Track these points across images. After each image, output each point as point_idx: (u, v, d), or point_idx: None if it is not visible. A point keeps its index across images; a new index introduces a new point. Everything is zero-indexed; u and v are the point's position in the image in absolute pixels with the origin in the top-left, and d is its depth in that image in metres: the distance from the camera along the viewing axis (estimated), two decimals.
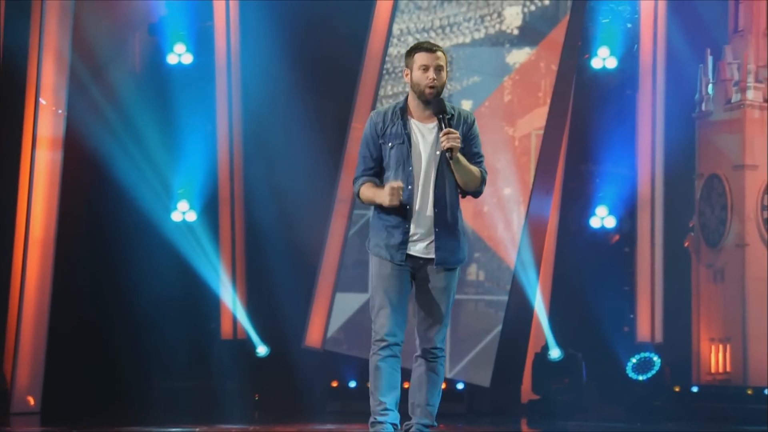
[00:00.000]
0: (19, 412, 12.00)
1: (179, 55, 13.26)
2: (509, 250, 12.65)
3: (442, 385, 6.51)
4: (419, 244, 6.35)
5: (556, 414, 12.63)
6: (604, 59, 13.30)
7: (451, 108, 6.39)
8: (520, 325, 12.84)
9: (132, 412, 12.30)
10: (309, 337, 13.11)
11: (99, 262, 12.76)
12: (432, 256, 6.35)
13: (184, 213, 13.17)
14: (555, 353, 12.85)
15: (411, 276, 6.39)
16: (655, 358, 13.07)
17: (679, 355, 13.50)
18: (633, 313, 13.47)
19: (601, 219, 13.43)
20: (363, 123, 6.96)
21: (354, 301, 13.02)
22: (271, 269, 13.07)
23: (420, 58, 6.33)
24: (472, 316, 12.86)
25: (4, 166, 12.19)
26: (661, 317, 13.42)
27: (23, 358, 12.17)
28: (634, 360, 13.09)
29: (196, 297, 13.04)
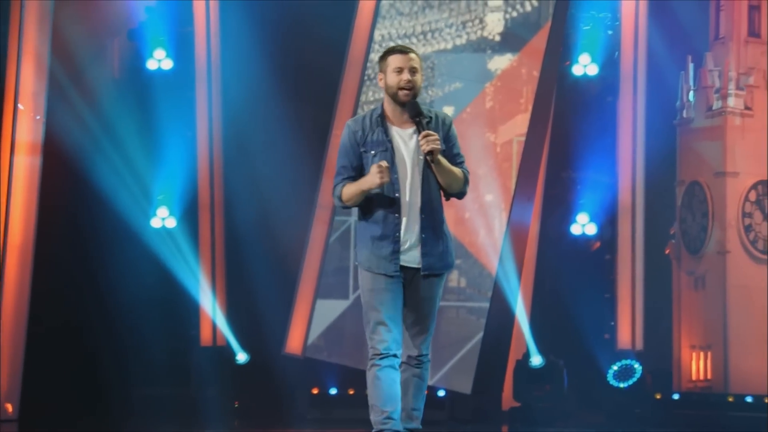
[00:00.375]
0: None
1: (159, 60, 13.21)
2: (491, 256, 12.62)
3: (425, 390, 6.41)
4: (410, 253, 6.20)
5: (537, 421, 12.60)
6: (585, 66, 13.28)
7: (427, 111, 6.28)
8: (501, 332, 12.81)
9: (111, 420, 12.23)
10: (289, 344, 13.06)
11: (78, 269, 12.68)
12: (415, 264, 6.20)
13: (164, 219, 13.12)
14: (536, 360, 12.83)
15: (403, 286, 6.23)
16: (636, 366, 13.05)
17: (660, 362, 13.50)
18: (614, 321, 13.45)
19: (582, 226, 13.41)
20: None
21: (335, 308, 12.97)
22: (252, 276, 13.01)
23: (393, 60, 6.21)
24: (453, 323, 12.82)
25: None
26: (642, 324, 13.40)
27: (1, 365, 12.07)
28: (616, 367, 13.07)
29: (175, 304, 12.97)
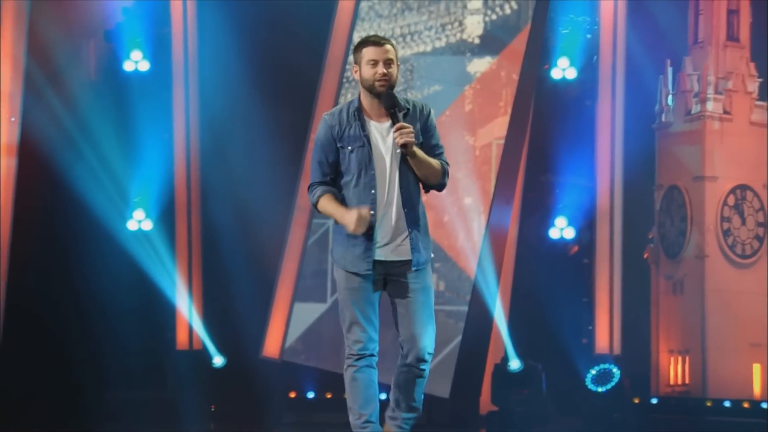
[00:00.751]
0: None
1: (136, 62, 13.14)
2: (470, 259, 12.58)
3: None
4: (387, 248, 6.06)
5: (515, 425, 12.58)
6: (564, 69, 13.27)
7: (405, 101, 6.10)
8: (479, 335, 12.78)
9: (87, 423, 12.16)
10: (267, 348, 13.00)
11: (54, 272, 12.61)
12: (404, 258, 6.07)
13: (140, 222, 13.04)
14: (515, 364, 12.80)
15: (382, 283, 6.11)
16: (614, 370, 13.04)
17: (638, 366, 13.50)
18: (592, 325, 13.44)
19: (561, 230, 13.39)
20: None
21: (312, 311, 12.92)
22: (229, 279, 12.95)
23: (368, 53, 6.02)
24: None
25: None
26: (620, 329, 13.40)
27: None
28: (594, 371, 13.05)
29: (152, 307, 12.91)
